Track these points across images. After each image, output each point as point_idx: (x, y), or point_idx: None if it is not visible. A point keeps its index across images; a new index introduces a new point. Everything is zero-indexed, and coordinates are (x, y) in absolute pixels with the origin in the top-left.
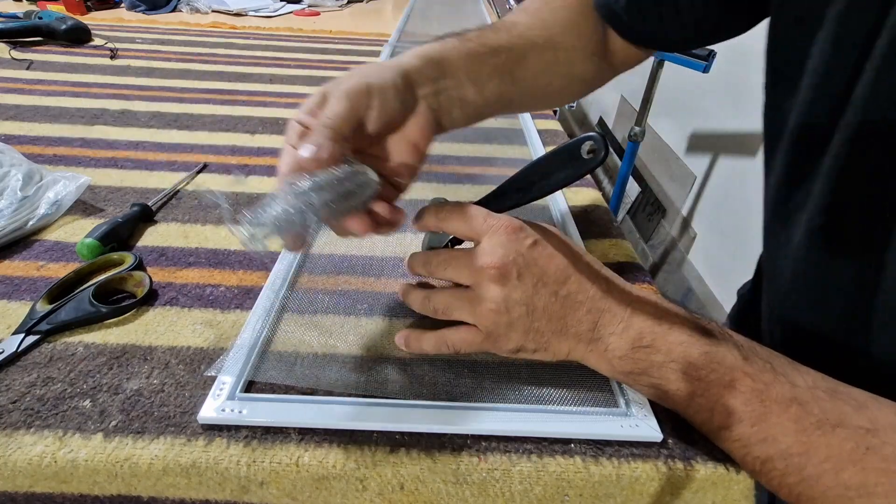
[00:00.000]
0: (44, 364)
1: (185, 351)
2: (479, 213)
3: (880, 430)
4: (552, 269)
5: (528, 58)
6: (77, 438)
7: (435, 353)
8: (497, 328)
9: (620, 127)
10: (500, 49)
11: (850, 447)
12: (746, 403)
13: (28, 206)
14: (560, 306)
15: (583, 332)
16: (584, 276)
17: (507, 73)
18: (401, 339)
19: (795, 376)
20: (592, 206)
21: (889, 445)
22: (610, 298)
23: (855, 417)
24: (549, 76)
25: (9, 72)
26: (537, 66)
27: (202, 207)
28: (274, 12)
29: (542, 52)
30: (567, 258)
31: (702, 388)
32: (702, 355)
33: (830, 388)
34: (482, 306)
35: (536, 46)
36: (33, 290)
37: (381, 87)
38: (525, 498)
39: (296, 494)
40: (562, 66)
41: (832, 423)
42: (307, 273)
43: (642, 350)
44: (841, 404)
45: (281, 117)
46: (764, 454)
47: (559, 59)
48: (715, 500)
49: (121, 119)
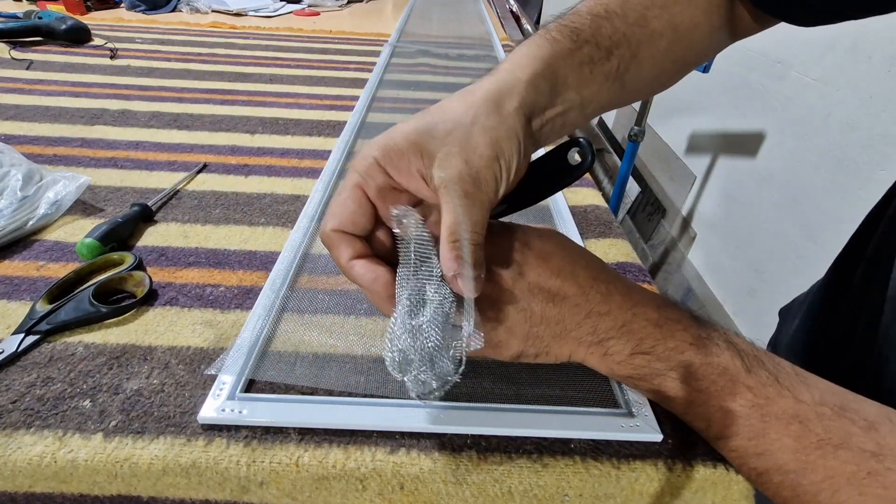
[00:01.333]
0: (43, 364)
1: (185, 351)
2: None
3: (887, 454)
4: (549, 273)
5: (640, 54)
6: (77, 438)
7: None
8: (496, 335)
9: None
10: (612, 48)
11: (850, 470)
12: (745, 417)
13: (28, 206)
14: (559, 311)
15: (583, 336)
16: (585, 279)
17: (617, 81)
18: None
19: (801, 391)
20: (592, 205)
21: (893, 472)
22: (611, 301)
23: (860, 439)
24: (660, 67)
25: (8, 72)
26: (650, 60)
27: (202, 207)
28: (274, 12)
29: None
30: (566, 260)
31: (701, 398)
32: (703, 365)
33: (840, 405)
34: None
35: (654, 35)
36: (33, 290)
37: (509, 156)
38: (525, 498)
39: (296, 494)
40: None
41: (834, 444)
42: (307, 273)
43: (642, 356)
44: (847, 424)
45: (281, 117)
46: (760, 467)
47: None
48: (715, 500)
49: (121, 119)
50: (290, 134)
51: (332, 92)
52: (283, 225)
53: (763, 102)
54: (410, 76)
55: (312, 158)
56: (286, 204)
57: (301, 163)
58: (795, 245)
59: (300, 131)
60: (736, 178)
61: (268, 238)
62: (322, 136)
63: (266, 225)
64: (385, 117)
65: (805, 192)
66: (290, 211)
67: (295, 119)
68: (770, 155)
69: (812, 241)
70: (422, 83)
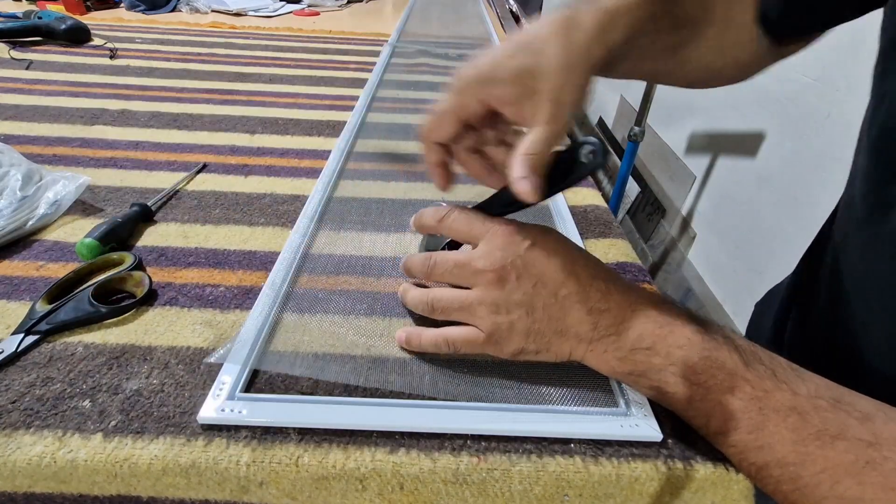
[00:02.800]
0: (43, 364)
1: (184, 351)
2: (477, 216)
3: (883, 444)
4: (551, 270)
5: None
6: (76, 438)
7: (434, 351)
8: (498, 330)
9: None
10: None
11: (849, 460)
12: (744, 411)
13: (27, 206)
14: (560, 307)
15: (583, 333)
16: (584, 277)
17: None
18: (401, 337)
19: (798, 384)
20: (592, 206)
21: (891, 461)
22: (611, 299)
23: (857, 430)
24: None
25: (8, 72)
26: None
27: (202, 207)
28: (273, 12)
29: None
30: (566, 258)
31: (700, 393)
32: (702, 360)
33: (835, 398)
34: (481, 309)
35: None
36: (33, 290)
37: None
38: (525, 498)
39: (295, 494)
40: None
41: (832, 435)
42: (307, 273)
43: (642, 352)
44: (844, 415)
45: (280, 117)
46: (760, 461)
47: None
48: (715, 500)
49: (120, 119)
50: (290, 134)
51: (331, 92)
52: (283, 225)
53: (763, 102)
54: (410, 76)
55: (312, 158)
56: (286, 204)
57: (301, 163)
58: (795, 245)
59: (300, 131)
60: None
61: (268, 238)
62: (322, 136)
63: (266, 225)
64: (385, 117)
65: (805, 192)
66: (290, 211)
67: (295, 119)
68: (769, 155)
69: None
70: (421, 83)
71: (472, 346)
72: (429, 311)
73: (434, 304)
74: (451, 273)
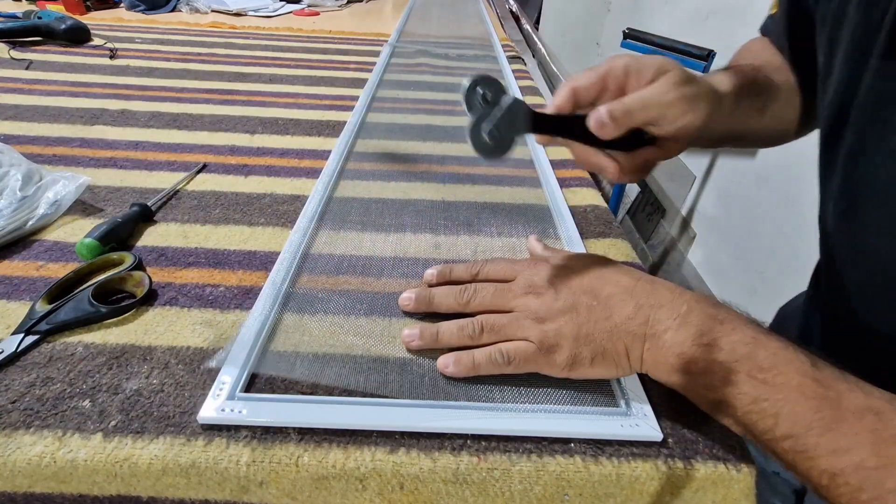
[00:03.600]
0: (43, 364)
1: (184, 351)
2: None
3: None
4: (590, 277)
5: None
6: (76, 438)
7: (490, 369)
8: (546, 338)
9: None
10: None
11: None
12: (817, 410)
13: (27, 206)
14: (604, 307)
15: (636, 328)
16: (625, 281)
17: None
18: (447, 362)
19: (865, 385)
20: (592, 205)
21: None
22: (660, 295)
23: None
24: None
25: (8, 72)
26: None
27: (202, 207)
28: (273, 12)
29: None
30: (602, 267)
31: (767, 391)
32: (768, 356)
33: None
34: (527, 321)
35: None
36: (33, 290)
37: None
38: (525, 497)
39: (295, 494)
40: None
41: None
42: (307, 273)
43: (704, 348)
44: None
45: (280, 117)
46: (834, 467)
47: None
48: (715, 500)
49: (120, 119)
50: (290, 134)
51: (331, 92)
52: (283, 225)
53: None
54: (410, 76)
55: (312, 158)
56: (286, 204)
57: (301, 163)
58: (795, 245)
59: (300, 131)
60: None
61: (267, 238)
62: (321, 136)
63: (266, 225)
64: (385, 117)
65: (805, 192)
66: (290, 211)
67: (294, 119)
68: (770, 155)
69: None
70: (421, 83)
71: (525, 356)
72: (478, 331)
73: (483, 323)
74: (491, 296)
